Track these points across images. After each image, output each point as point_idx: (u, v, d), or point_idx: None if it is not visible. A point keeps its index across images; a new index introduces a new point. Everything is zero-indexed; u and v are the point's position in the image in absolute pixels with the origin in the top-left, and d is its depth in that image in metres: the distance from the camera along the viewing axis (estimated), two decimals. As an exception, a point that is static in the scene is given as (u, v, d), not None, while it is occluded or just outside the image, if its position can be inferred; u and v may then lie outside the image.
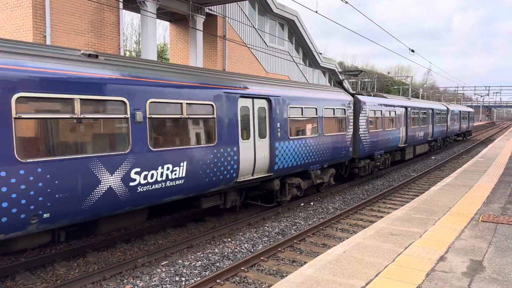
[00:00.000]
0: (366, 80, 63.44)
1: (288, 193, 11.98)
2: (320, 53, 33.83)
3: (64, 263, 7.69)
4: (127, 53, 40.68)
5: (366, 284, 4.90)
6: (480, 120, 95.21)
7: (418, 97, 57.20)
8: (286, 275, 7.14)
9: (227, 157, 9.21)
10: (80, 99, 6.34)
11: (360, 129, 15.44)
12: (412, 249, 6.17)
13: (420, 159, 25.16)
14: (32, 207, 5.76)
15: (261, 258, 7.97)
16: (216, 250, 8.56)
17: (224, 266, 7.67)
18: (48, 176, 5.93)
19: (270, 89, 10.84)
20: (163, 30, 54.90)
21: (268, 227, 10.31)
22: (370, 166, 17.02)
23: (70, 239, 8.64)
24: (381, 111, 17.38)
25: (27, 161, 5.70)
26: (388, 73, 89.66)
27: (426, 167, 21.48)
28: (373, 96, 17.95)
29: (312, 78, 34.08)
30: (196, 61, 19.73)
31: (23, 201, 5.67)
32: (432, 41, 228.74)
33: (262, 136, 10.44)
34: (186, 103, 8.22)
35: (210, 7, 20.95)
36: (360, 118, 15.41)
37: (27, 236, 6.29)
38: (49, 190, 5.94)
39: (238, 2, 23.20)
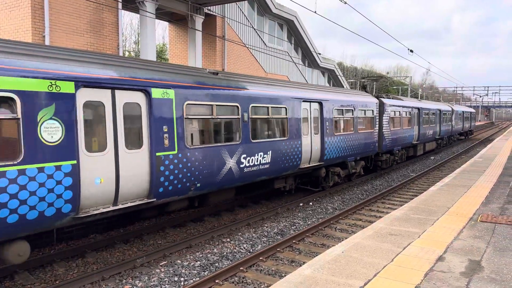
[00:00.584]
0: (365, 80, 63.40)
1: (330, 180, 14.30)
2: (319, 54, 33.86)
3: (63, 263, 7.69)
4: (126, 53, 40.67)
5: (365, 284, 4.90)
6: (479, 120, 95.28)
7: (417, 98, 57.37)
8: (285, 275, 7.15)
9: (294, 148, 11.65)
10: (216, 105, 8.95)
11: (384, 128, 17.85)
12: (411, 249, 6.18)
13: (419, 159, 25.19)
14: (192, 178, 8.31)
15: (260, 258, 7.98)
16: (215, 250, 8.56)
17: (223, 266, 7.68)
18: (201, 157, 8.50)
19: (321, 94, 13.24)
20: (162, 30, 54.94)
21: (267, 227, 10.32)
22: (390, 160, 19.28)
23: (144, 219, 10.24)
24: (399, 111, 19.82)
25: (190, 147, 8.24)
26: (387, 73, 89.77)
27: (425, 167, 21.51)
28: (392, 98, 20.01)
29: (311, 78, 34.10)
30: (195, 61, 19.73)
31: (189, 174, 8.23)
32: (431, 41, 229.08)
33: (316, 132, 12.91)
34: (271, 107, 10.79)
35: (209, 7, 20.96)
36: (383, 118, 17.81)
37: (179, 201, 8.65)
38: (201, 167, 8.52)
39: (237, 2, 23.22)
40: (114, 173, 6.90)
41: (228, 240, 9.25)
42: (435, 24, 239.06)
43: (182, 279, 7.13)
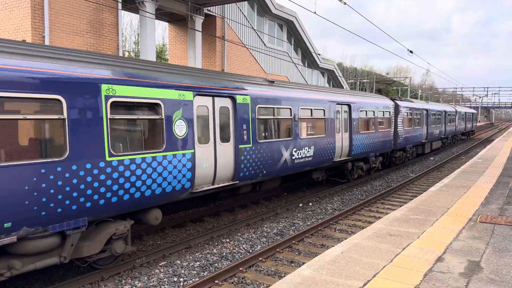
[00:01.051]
0: (365, 81, 63.51)
1: (355, 172, 16.20)
2: (319, 54, 33.87)
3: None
4: (126, 54, 40.67)
5: (364, 285, 4.91)
6: (479, 121, 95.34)
7: (417, 98, 57.49)
8: (284, 276, 7.15)
9: (330, 144, 13.67)
10: (276, 107, 10.99)
11: (398, 127, 19.85)
12: (410, 250, 6.18)
13: (419, 159, 25.22)
14: (261, 166, 10.37)
15: (260, 258, 7.98)
16: (215, 250, 8.57)
17: (223, 267, 7.68)
18: (266, 150, 10.51)
19: (349, 98, 15.24)
20: (162, 30, 54.95)
21: (266, 227, 10.32)
22: (403, 157, 21.38)
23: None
24: (411, 113, 21.80)
25: (259, 141, 10.26)
26: (387, 73, 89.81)
27: (425, 168, 21.51)
28: (404, 100, 22.09)
29: (311, 79, 34.12)
30: (195, 62, 19.73)
31: (259, 163, 10.28)
32: (431, 41, 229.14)
33: (345, 130, 14.82)
34: (314, 109, 12.78)
35: (209, 8, 20.96)
36: (398, 118, 19.80)
37: (247, 185, 10.68)
38: (266, 158, 10.52)
39: (237, 3, 23.22)
40: (214, 160, 9.00)
41: (228, 240, 9.26)
42: (435, 24, 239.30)
43: (181, 279, 7.13)
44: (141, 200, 7.32)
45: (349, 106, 15.02)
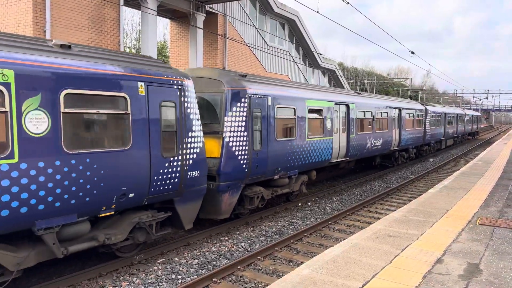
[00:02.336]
0: (365, 81, 63.48)
1: (399, 160, 21.61)
2: (320, 54, 33.82)
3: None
4: (127, 50, 40.61)
5: (363, 285, 4.89)
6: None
7: (417, 99, 57.85)
8: (282, 275, 7.14)
9: (390, 137, 18.86)
10: (365, 111, 15.85)
11: (426, 126, 25.17)
12: (409, 251, 6.17)
13: (418, 161, 25.22)
14: (358, 149, 15.46)
15: (258, 257, 7.97)
16: (213, 248, 8.55)
17: (221, 265, 7.66)
18: (361, 138, 15.66)
19: (399, 104, 20.58)
20: (163, 27, 54.84)
21: (265, 226, 10.31)
22: (428, 150, 27.07)
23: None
24: (434, 115, 27.42)
25: (358, 133, 15.24)
26: (388, 74, 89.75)
27: (424, 170, 21.51)
28: (428, 105, 27.94)
29: (312, 78, 34.08)
30: (196, 59, 19.69)
31: (357, 147, 15.41)
32: (432, 43, 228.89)
33: (397, 128, 20.03)
34: (382, 112, 17.71)
35: (211, 5, 20.91)
36: (426, 119, 25.16)
37: (347, 162, 15.67)
38: (361, 143, 15.53)
39: (239, 1, 23.17)
40: (339, 144, 14.05)
41: (226, 238, 9.24)
42: (437, 26, 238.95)
43: (179, 277, 7.12)
44: (310, 164, 12.26)
45: (400, 110, 20.44)
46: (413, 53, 23.59)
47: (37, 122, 5.57)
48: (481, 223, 7.82)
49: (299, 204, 12.80)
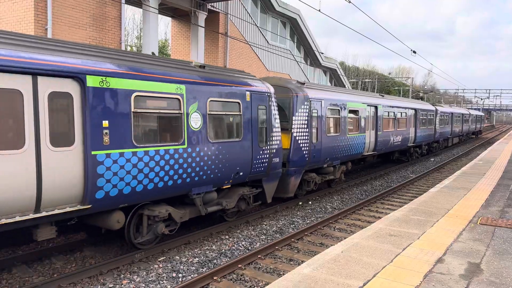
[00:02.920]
0: (367, 80, 63.40)
1: (414, 155, 24.48)
2: (322, 53, 33.77)
3: (61, 257, 7.67)
4: (128, 48, 40.58)
5: (364, 285, 4.89)
6: None
7: (418, 99, 57.87)
8: (283, 274, 7.14)
9: (408, 134, 21.59)
10: (389, 111, 18.63)
11: (436, 125, 28.14)
12: (410, 250, 6.16)
13: (419, 160, 25.20)
14: (383, 144, 18.10)
15: (259, 256, 7.97)
16: (214, 247, 8.55)
17: (221, 263, 7.66)
18: (385, 135, 18.38)
19: (415, 105, 23.43)
20: (164, 25, 54.80)
21: (266, 225, 10.30)
22: (437, 147, 30.39)
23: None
24: (443, 114, 30.38)
25: (384, 131, 18.10)
26: (389, 73, 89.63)
27: (425, 169, 21.49)
28: (437, 105, 30.59)
29: (313, 77, 34.04)
30: (197, 58, 19.67)
31: (383, 143, 18.17)
32: (434, 42, 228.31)
33: (413, 126, 22.62)
34: (401, 112, 20.33)
35: (212, 4, 20.87)
36: (436, 118, 28.10)
37: (373, 156, 18.24)
38: (385, 139, 18.39)
39: (240, -1, 23.14)
40: (369, 140, 16.38)
41: (227, 237, 9.24)
42: (439, 25, 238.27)
43: (180, 275, 7.12)
44: (348, 156, 14.81)
45: (415, 110, 22.98)
46: (414, 52, 23.55)
47: (196, 121, 8.22)
48: (482, 223, 7.81)
49: (300, 203, 12.79)
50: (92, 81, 6.37)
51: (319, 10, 13.84)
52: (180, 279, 6.97)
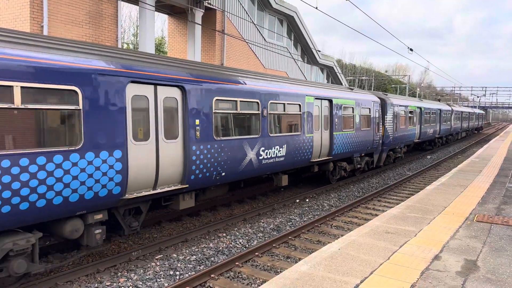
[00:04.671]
0: (364, 78, 63.49)
1: (437, 144, 31.39)
2: (319, 50, 33.76)
3: (58, 255, 7.65)
4: (125, 46, 40.40)
5: (361, 282, 4.90)
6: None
7: (415, 96, 58.27)
8: (280, 271, 7.15)
9: (435, 128, 28.78)
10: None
11: (451, 122, 34.14)
12: (407, 248, 6.19)
13: (416, 158, 25.27)
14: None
15: (256, 253, 7.97)
16: (211, 245, 8.55)
17: (219, 261, 7.67)
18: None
19: (439, 106, 30.58)
20: (161, 23, 54.60)
21: (263, 223, 10.31)
22: (452, 138, 36.80)
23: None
24: (456, 113, 37.02)
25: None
26: (386, 71, 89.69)
27: (422, 166, 21.56)
28: (452, 106, 38.56)
29: (310, 75, 34.04)
30: (194, 55, 19.62)
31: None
32: (432, 40, 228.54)
33: (438, 122, 29.29)
34: (432, 111, 27.88)
35: (209, 1, 20.82)
36: (452, 116, 34.65)
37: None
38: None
39: (237, -3, 23.07)
40: (416, 131, 23.40)
41: (224, 235, 9.24)
42: (438, 23, 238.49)
43: (177, 273, 7.12)
44: (409, 142, 22.39)
45: (440, 110, 30.01)
46: (411, 50, 23.58)
47: (357, 118, 15.21)
48: (479, 220, 7.84)
49: (297, 200, 12.81)
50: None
51: (316, 8, 13.82)
52: (177, 277, 6.97)
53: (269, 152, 10.59)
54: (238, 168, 9.48)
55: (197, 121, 8.24)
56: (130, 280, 6.76)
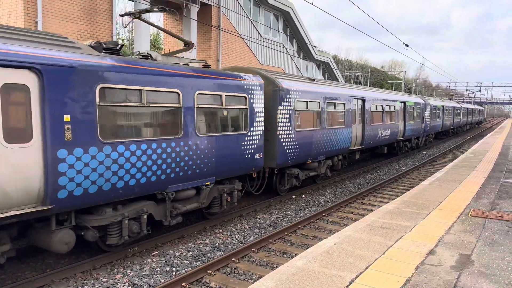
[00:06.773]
0: (359, 74, 63.52)
1: (451, 133, 40.45)
2: (315, 46, 33.73)
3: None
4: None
5: (357, 277, 4.93)
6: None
7: (411, 92, 58.57)
8: (276, 267, 7.17)
9: (450, 121, 37.26)
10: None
11: (460, 116, 41.93)
12: (402, 243, 6.22)
13: (412, 153, 25.37)
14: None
15: (252, 249, 8.00)
16: (207, 241, 8.57)
17: (215, 257, 7.68)
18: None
19: (453, 104, 39.10)
20: (156, 18, 54.40)
21: (259, 218, 10.33)
22: (461, 129, 44.22)
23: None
24: (464, 109, 45.06)
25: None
26: (382, 67, 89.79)
27: (417, 162, 21.64)
28: (461, 103, 46.73)
29: (306, 70, 34.01)
30: (190, 52, 19.53)
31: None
32: (429, 36, 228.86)
33: (452, 116, 37.36)
34: (450, 109, 37.46)
35: (204, -3, 20.71)
36: (461, 112, 42.85)
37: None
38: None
39: (233, -8, 22.97)
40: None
41: (221, 231, 9.26)
42: (435, 19, 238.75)
43: (174, 269, 7.13)
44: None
45: (454, 107, 36.13)
46: (407, 46, 23.62)
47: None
48: (473, 215, 7.90)
49: (293, 196, 12.84)
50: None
51: (312, 3, 13.80)
52: (174, 273, 6.98)
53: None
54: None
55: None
56: (126, 276, 6.76)
